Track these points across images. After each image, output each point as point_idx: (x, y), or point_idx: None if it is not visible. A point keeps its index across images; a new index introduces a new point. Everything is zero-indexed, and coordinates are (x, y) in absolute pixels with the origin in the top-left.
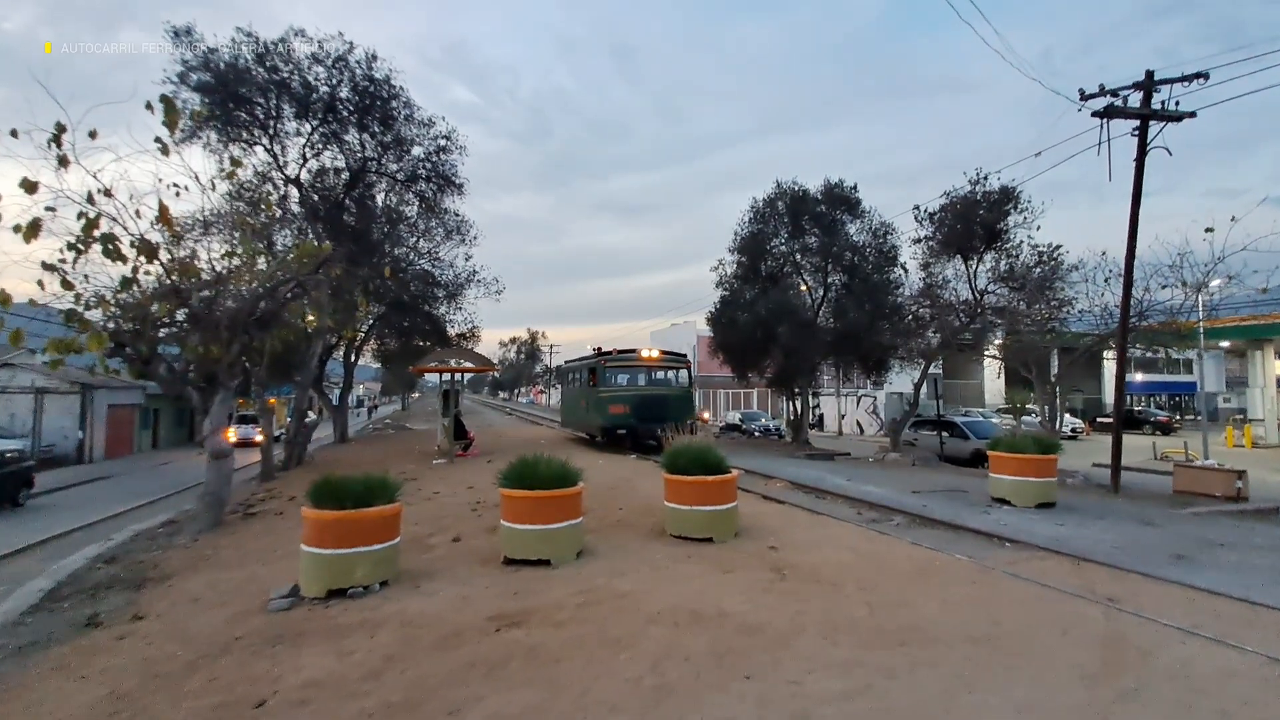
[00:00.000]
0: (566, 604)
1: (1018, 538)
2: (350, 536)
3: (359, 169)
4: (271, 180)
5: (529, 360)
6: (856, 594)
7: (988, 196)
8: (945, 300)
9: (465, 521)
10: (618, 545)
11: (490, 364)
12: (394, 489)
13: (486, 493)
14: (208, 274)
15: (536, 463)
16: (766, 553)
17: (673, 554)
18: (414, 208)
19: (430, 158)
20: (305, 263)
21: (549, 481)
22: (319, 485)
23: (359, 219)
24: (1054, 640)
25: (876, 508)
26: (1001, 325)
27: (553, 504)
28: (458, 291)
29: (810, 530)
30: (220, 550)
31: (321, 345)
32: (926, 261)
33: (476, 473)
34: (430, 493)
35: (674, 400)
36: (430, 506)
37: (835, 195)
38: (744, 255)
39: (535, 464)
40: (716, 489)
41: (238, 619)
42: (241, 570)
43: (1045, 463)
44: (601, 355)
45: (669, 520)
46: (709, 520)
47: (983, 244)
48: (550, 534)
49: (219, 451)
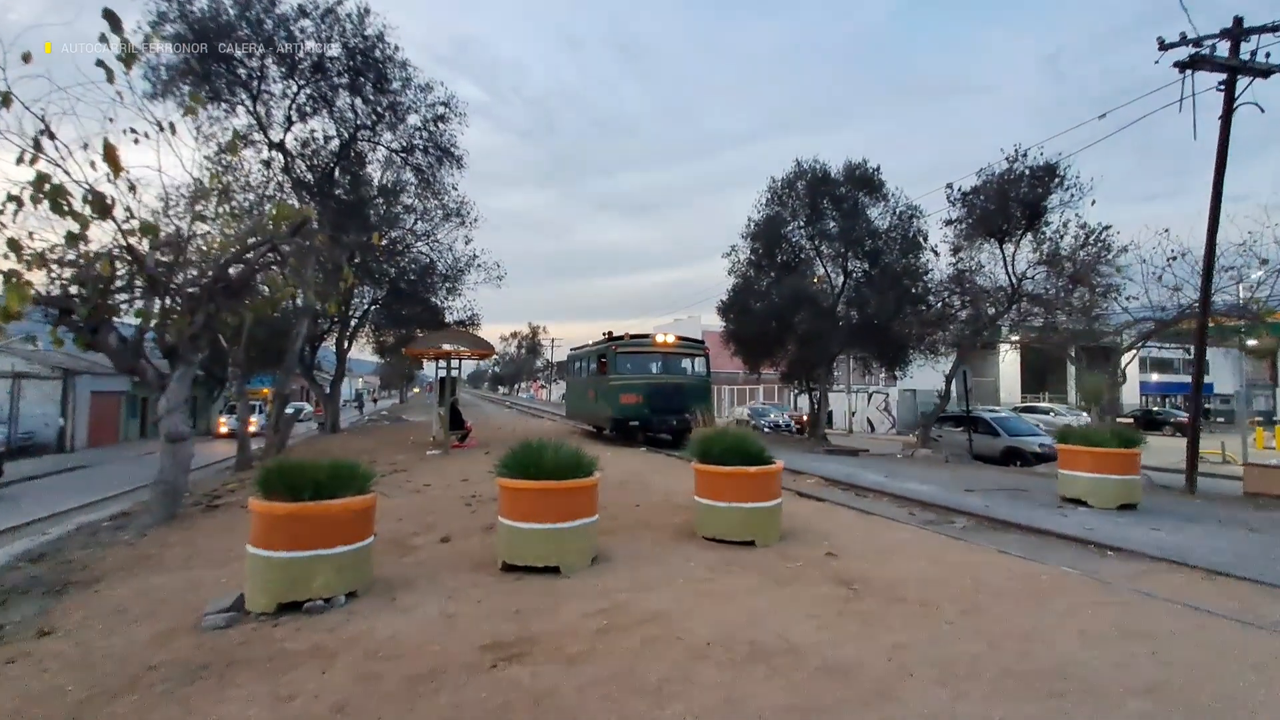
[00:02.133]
0: (583, 629)
1: (1117, 544)
2: (309, 536)
3: (350, 137)
4: (253, 143)
5: (530, 355)
6: (961, 620)
7: (1034, 172)
8: (979, 287)
9: (457, 518)
10: (640, 549)
11: (489, 348)
12: (367, 477)
13: (483, 486)
14: (170, 235)
15: (542, 448)
16: (824, 561)
17: (709, 561)
18: (411, 183)
19: (427, 126)
20: (282, 225)
21: (558, 470)
22: (270, 470)
23: (350, 191)
24: (1256, 690)
25: (931, 507)
26: (1039, 314)
27: (562, 498)
28: (457, 277)
29: (866, 533)
30: (167, 549)
31: (307, 325)
32: (958, 245)
33: (473, 465)
34: (420, 485)
35: (690, 390)
36: (418, 500)
37: (858, 176)
38: (759, 240)
39: (541, 450)
40: (759, 483)
41: (162, 639)
42: (185, 574)
43: (1127, 458)
44: (612, 340)
45: (700, 519)
46: (750, 520)
47: (1023, 225)
48: (559, 535)
49: (175, 434)
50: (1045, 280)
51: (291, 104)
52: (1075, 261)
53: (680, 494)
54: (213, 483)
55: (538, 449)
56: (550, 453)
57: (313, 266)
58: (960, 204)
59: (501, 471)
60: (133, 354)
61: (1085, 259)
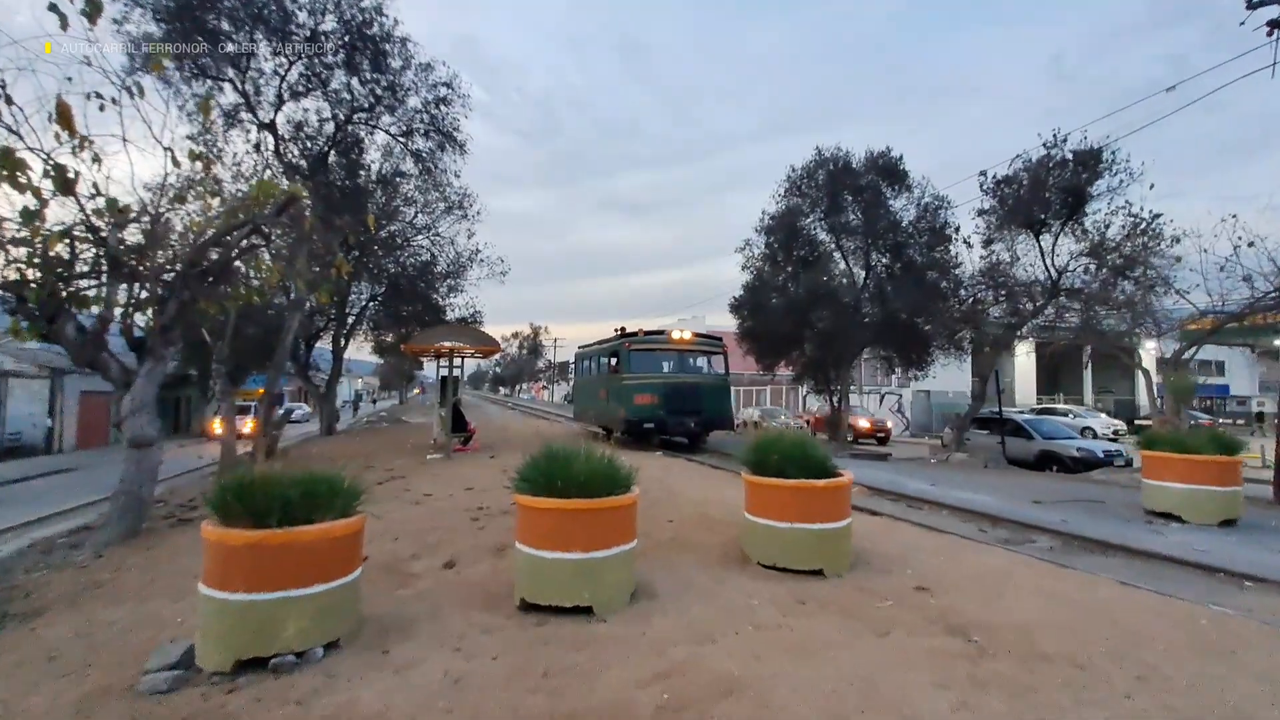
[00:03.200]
0: (638, 707)
1: (1252, 573)
2: (276, 573)
3: (346, 119)
4: (240, 123)
5: (531, 355)
6: (1140, 691)
7: (1078, 157)
8: (1016, 281)
9: (463, 535)
10: (685, 579)
11: (494, 344)
12: (352, 495)
13: (490, 495)
14: (138, 212)
15: (570, 457)
16: (918, 598)
17: (774, 597)
18: (411, 174)
19: (428, 109)
20: (267, 203)
21: (590, 485)
22: (227, 488)
23: (346, 176)
24: None
25: (1001, 522)
26: (1077, 310)
27: (597, 520)
28: (459, 272)
29: (949, 558)
30: (123, 573)
31: (298, 320)
32: (989, 237)
33: (478, 470)
34: (420, 495)
35: (709, 391)
36: (418, 514)
37: (881, 166)
38: (776, 234)
39: (568, 459)
40: (829, 499)
41: (90, 702)
42: (138, 607)
43: (1227, 467)
44: (625, 337)
45: (753, 541)
46: (818, 544)
47: (1065, 213)
48: (593, 567)
49: (139, 439)
50: (1088, 273)
51: (282, 82)
52: (1123, 252)
53: (714, 506)
54: (191, 490)
55: (565, 457)
56: (580, 463)
57: (305, 256)
58: (992, 193)
59: (521, 486)
60: (93, 346)
61: (1134, 250)
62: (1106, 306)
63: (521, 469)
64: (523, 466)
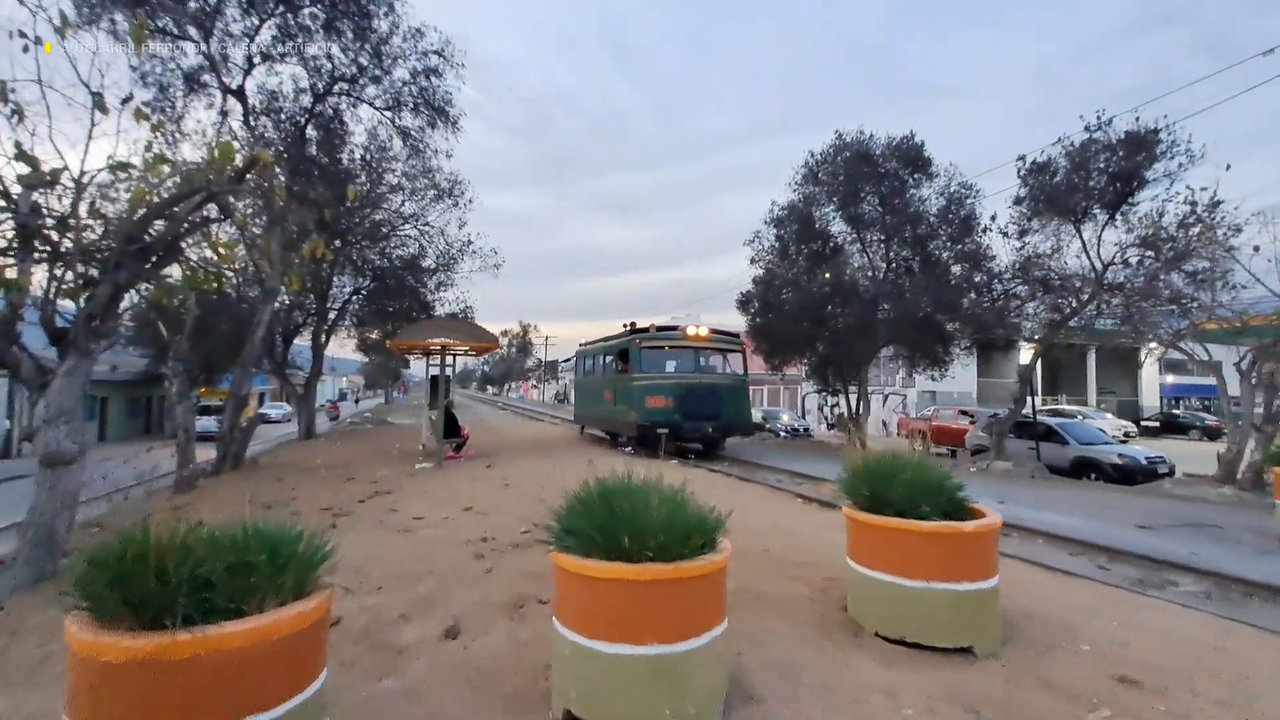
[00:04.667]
0: None
1: None
2: (180, 706)
3: (326, 90)
4: (204, 87)
5: (521, 354)
6: None
7: (1131, 138)
8: (1057, 274)
9: (465, 581)
10: (784, 662)
11: (491, 340)
12: (309, 564)
13: (494, 520)
14: (56, 173)
15: (635, 495)
16: (1129, 697)
17: (927, 695)
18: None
19: (418, 80)
20: (226, 171)
21: (671, 541)
22: (98, 562)
23: (325, 150)
24: None
25: (1117, 554)
26: (1119, 305)
27: (683, 595)
28: (449, 265)
29: (1119, 620)
30: (17, 639)
31: (270, 313)
32: (1023, 228)
33: (475, 483)
34: (408, 518)
35: (727, 392)
36: (407, 547)
37: (904, 153)
38: (789, 225)
39: (634, 498)
40: (974, 549)
41: None
42: (23, 697)
43: None
44: (636, 333)
45: (868, 602)
46: (963, 610)
47: (1113, 201)
48: (676, 666)
49: (55, 455)
50: (1128, 266)
51: (251, 43)
52: (1176, 245)
53: (774, 538)
54: (138, 509)
55: (629, 496)
56: (650, 505)
57: (278, 238)
58: (1027, 181)
59: (564, 542)
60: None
61: (1189, 240)
62: (1150, 301)
63: (562, 514)
64: (564, 510)
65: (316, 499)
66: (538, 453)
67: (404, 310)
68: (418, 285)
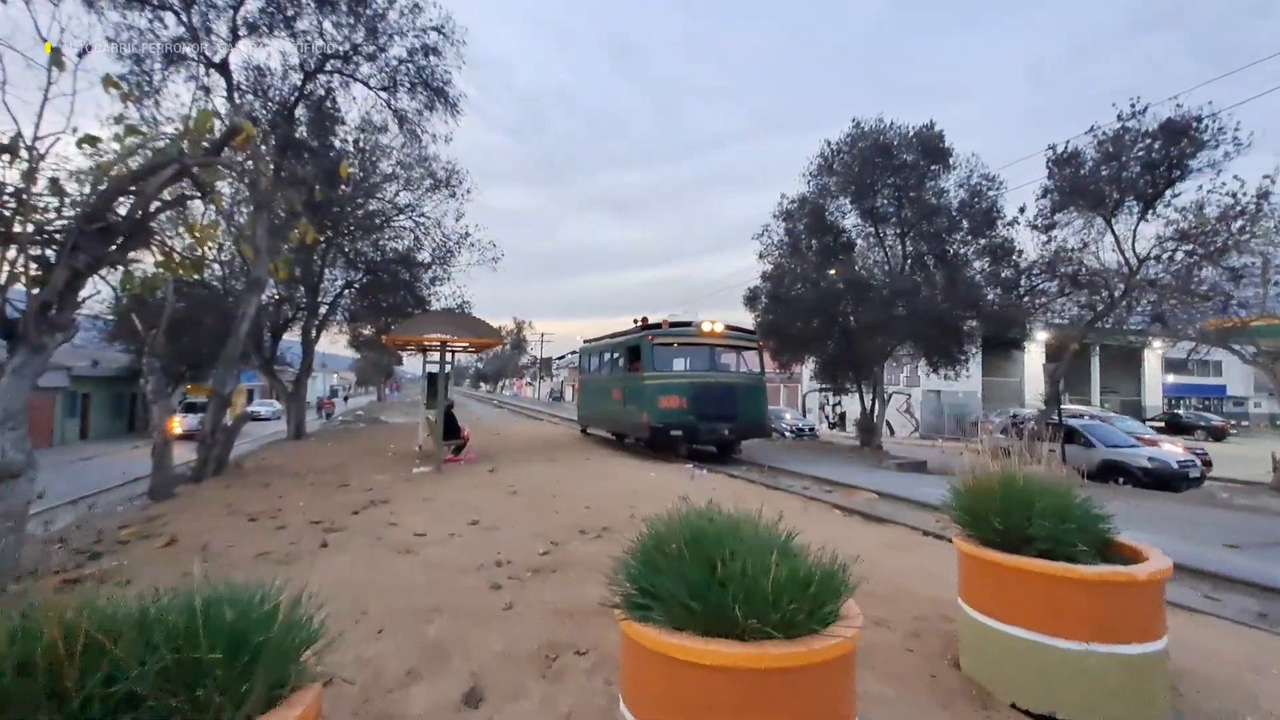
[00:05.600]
0: None
1: None
2: None
3: (317, 67)
4: (184, 60)
5: (515, 351)
6: None
7: (1173, 125)
8: (1088, 269)
9: (483, 622)
10: None
11: (494, 335)
12: (288, 654)
13: (507, 536)
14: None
15: (738, 538)
16: None
17: None
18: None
19: (415, 58)
20: (203, 143)
21: (795, 613)
22: None
23: (315, 132)
24: None
25: (1221, 581)
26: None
27: (809, 684)
28: (446, 258)
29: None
30: None
31: (256, 305)
32: (1050, 222)
33: (479, 490)
34: (410, 534)
35: (744, 392)
36: (409, 573)
37: (925, 143)
38: (800, 219)
39: (740, 543)
40: (1139, 601)
41: None
42: None
43: None
44: (648, 328)
45: (999, 663)
46: (1125, 678)
47: (1150, 192)
48: None
49: (1, 467)
50: (1159, 261)
51: (235, 14)
52: (1216, 241)
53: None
54: (111, 519)
55: (729, 539)
56: (770, 558)
57: (264, 223)
58: (1052, 173)
59: (634, 609)
60: None
61: (1229, 235)
62: (1184, 297)
63: (630, 565)
64: (631, 561)
65: (305, 510)
66: (542, 455)
67: (398, 305)
68: (413, 279)
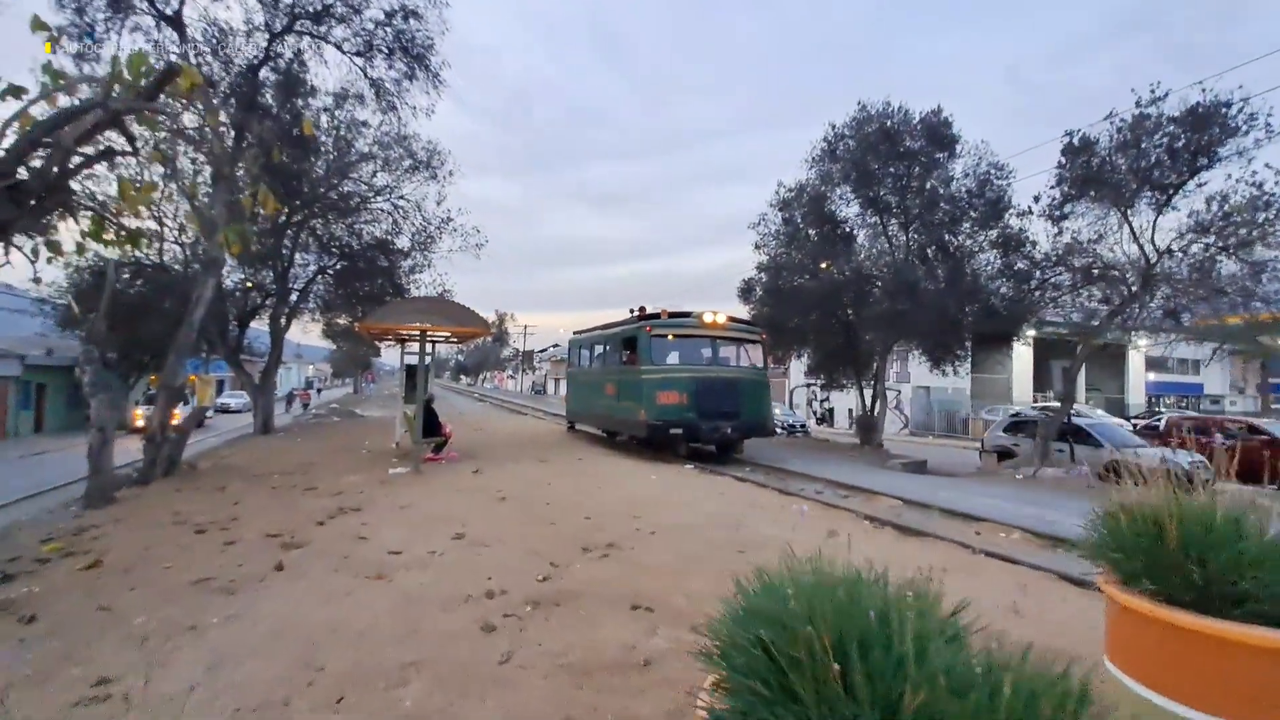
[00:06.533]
0: None
1: None
2: None
3: (285, 28)
4: (132, 9)
5: (497, 343)
6: None
7: (1202, 109)
8: (1105, 263)
9: (475, 682)
10: None
11: (481, 324)
12: None
13: (498, 553)
14: None
15: (896, 635)
16: None
17: None
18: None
19: (394, 19)
20: (136, 86)
21: None
22: None
23: (281, 97)
24: None
25: None
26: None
27: None
28: (426, 243)
29: None
30: None
31: (213, 288)
32: (1062, 212)
33: (462, 495)
34: (383, 552)
35: (748, 388)
36: (379, 606)
37: (932, 130)
38: (799, 207)
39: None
40: None
41: None
42: None
43: None
44: (645, 319)
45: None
46: None
47: (1173, 182)
48: None
49: None
50: (1172, 256)
51: None
52: (1238, 234)
53: None
54: (39, 529)
55: (879, 639)
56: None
57: (224, 195)
58: (1065, 163)
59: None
60: None
61: (1259, 227)
62: (1200, 292)
63: (729, 661)
64: (727, 655)
65: (263, 519)
66: (530, 454)
67: (375, 293)
68: (391, 266)
